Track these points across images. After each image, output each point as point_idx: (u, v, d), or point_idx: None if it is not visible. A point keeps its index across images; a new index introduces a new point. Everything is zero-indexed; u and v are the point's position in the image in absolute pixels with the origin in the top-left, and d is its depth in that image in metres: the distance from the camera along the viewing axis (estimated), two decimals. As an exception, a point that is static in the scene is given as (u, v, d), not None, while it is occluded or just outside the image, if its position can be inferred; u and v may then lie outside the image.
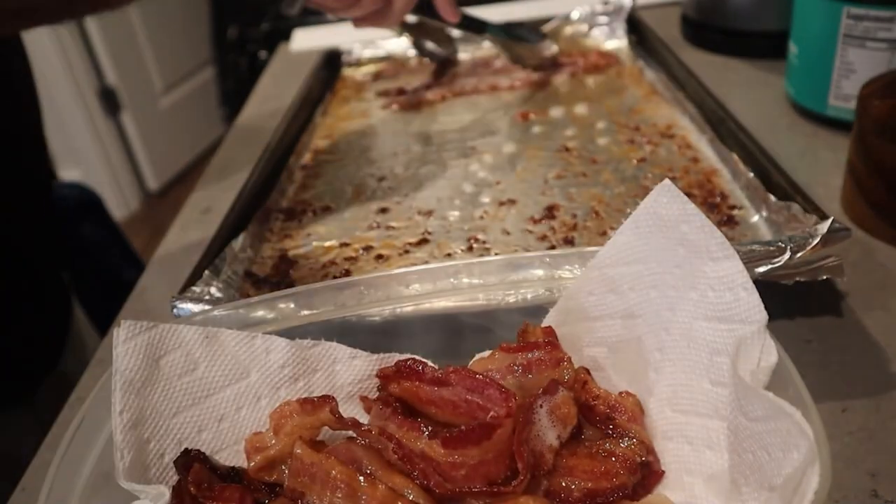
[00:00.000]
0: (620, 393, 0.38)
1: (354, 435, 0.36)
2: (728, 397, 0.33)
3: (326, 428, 0.38)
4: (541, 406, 0.36)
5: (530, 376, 0.38)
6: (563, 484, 0.34)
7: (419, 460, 0.33)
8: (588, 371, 0.39)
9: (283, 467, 0.37)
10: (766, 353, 0.32)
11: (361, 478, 0.32)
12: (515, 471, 0.33)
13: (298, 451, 0.34)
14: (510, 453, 0.34)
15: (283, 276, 0.59)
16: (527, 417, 0.35)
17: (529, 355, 0.38)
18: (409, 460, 0.33)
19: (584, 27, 1.01)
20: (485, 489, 0.33)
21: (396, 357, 0.41)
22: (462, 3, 1.13)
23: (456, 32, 0.96)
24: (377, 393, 0.41)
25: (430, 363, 0.41)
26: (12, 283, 0.71)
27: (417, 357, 0.41)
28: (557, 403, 0.36)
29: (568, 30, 1.02)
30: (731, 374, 0.32)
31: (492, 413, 0.35)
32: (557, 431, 0.36)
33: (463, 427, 0.34)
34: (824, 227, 0.47)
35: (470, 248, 0.60)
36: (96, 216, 0.98)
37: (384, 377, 0.39)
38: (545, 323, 0.42)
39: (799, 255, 0.46)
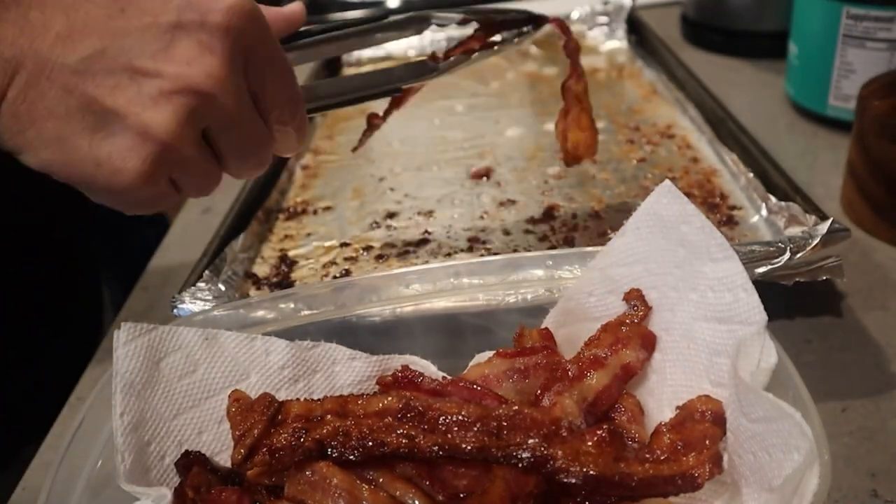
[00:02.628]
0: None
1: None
2: (728, 398, 0.33)
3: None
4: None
5: (528, 381, 0.38)
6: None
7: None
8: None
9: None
10: (766, 353, 0.32)
11: (363, 485, 0.32)
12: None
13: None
14: None
15: (283, 276, 0.59)
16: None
17: (527, 360, 0.38)
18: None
19: (583, 27, 1.01)
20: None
21: (396, 358, 0.41)
22: (462, 2, 1.12)
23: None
24: (377, 394, 0.41)
25: (430, 366, 0.41)
26: (46, 284, 0.68)
27: (417, 359, 0.41)
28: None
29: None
30: (732, 374, 0.32)
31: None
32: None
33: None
34: (824, 227, 0.47)
35: (470, 249, 0.60)
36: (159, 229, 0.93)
37: (383, 385, 0.39)
38: (545, 324, 0.42)
39: (799, 255, 0.46)
